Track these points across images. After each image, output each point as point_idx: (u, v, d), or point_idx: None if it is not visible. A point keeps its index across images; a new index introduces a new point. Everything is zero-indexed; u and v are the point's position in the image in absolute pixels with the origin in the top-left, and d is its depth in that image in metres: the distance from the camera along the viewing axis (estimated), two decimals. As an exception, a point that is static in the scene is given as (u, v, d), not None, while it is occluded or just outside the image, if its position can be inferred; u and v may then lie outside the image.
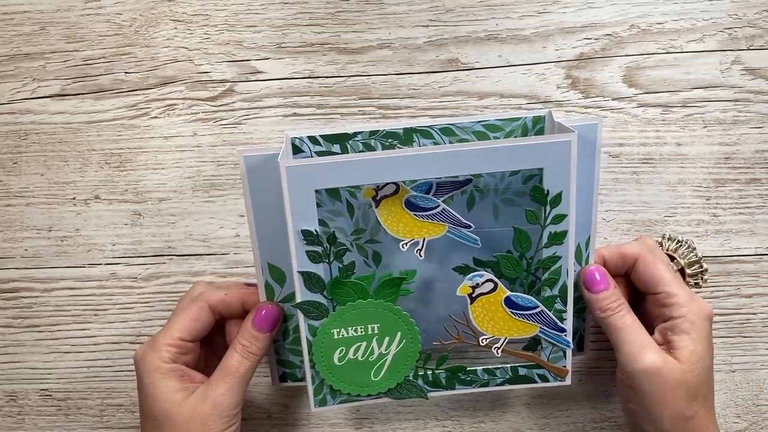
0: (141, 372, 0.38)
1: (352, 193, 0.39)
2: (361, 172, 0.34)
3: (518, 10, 0.46)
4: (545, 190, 0.35)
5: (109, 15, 0.47)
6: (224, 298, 0.39)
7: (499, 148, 0.34)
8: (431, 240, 0.37)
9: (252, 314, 0.38)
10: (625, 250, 0.40)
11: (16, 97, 0.47)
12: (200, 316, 0.39)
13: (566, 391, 0.47)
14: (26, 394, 0.47)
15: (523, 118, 0.40)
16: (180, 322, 0.38)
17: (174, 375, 0.37)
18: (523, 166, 0.35)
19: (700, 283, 0.42)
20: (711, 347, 0.38)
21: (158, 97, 0.47)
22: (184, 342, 0.38)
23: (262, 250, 0.38)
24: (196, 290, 0.40)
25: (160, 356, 0.37)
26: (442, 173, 0.34)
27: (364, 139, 0.40)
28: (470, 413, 0.47)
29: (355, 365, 0.38)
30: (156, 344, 0.38)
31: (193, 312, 0.39)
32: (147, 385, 0.37)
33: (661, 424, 0.37)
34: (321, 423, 0.47)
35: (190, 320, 0.38)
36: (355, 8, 0.46)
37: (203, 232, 0.47)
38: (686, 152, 0.46)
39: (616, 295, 0.39)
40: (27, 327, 0.47)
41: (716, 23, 0.46)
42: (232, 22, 0.47)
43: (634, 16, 0.46)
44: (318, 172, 0.34)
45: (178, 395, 0.37)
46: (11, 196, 0.47)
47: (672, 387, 0.36)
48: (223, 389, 0.37)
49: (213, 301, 0.39)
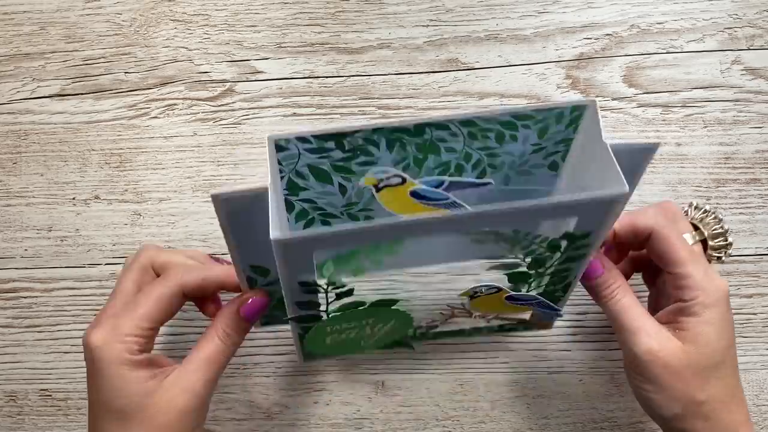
0: (100, 362, 0.32)
1: (345, 177, 0.35)
2: (363, 238, 0.30)
3: (518, 10, 0.46)
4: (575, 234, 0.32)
5: (109, 15, 0.47)
6: (201, 284, 0.35)
7: (527, 209, 0.28)
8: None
9: (239, 301, 0.35)
10: (638, 224, 0.37)
11: (16, 97, 0.47)
12: (172, 303, 0.34)
13: (566, 391, 0.47)
14: (26, 394, 0.47)
15: (560, 107, 0.33)
16: (149, 308, 0.33)
17: (143, 364, 0.33)
18: (555, 217, 0.31)
19: (723, 257, 0.39)
20: (727, 328, 0.36)
21: (158, 97, 0.47)
22: (153, 331, 0.34)
23: (243, 260, 0.34)
24: (146, 257, 0.36)
25: (127, 348, 0.32)
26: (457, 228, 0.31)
27: (366, 135, 0.34)
28: (470, 413, 0.47)
29: (346, 341, 0.37)
30: (119, 332, 0.33)
31: (165, 298, 0.34)
32: (110, 377, 0.32)
33: (672, 407, 0.35)
34: (321, 423, 0.47)
35: (160, 308, 0.34)
36: (355, 8, 0.46)
37: (203, 232, 0.47)
38: (686, 152, 0.46)
39: (612, 278, 0.36)
40: (27, 327, 0.47)
41: (716, 23, 0.46)
42: (232, 22, 0.47)
43: (634, 16, 0.46)
44: (315, 241, 0.29)
45: (150, 384, 0.33)
46: (11, 196, 0.47)
47: (676, 370, 0.35)
48: (200, 380, 0.33)
49: (189, 286, 0.35)
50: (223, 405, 0.47)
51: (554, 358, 0.46)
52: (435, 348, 0.46)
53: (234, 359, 0.46)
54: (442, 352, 0.46)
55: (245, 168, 0.46)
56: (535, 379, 0.46)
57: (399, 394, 0.47)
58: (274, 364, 0.47)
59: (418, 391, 0.47)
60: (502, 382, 0.47)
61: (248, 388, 0.47)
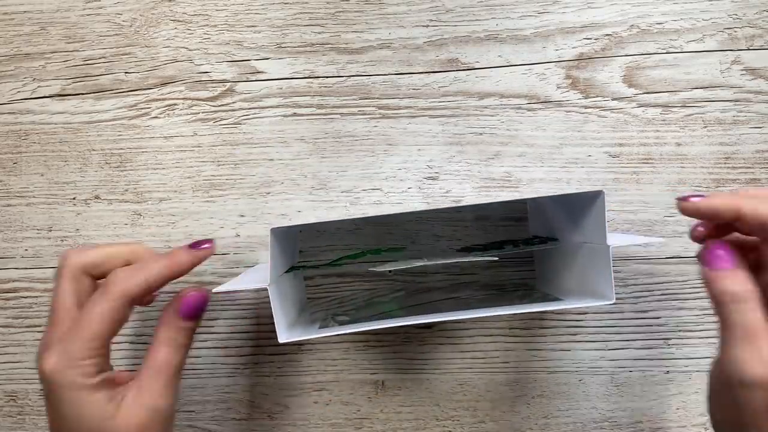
0: (57, 389, 0.31)
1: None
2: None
3: (518, 10, 0.46)
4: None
5: (109, 15, 0.47)
6: (145, 287, 0.32)
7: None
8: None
9: (176, 303, 0.33)
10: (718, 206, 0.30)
11: (16, 97, 0.47)
12: (119, 317, 0.32)
13: (566, 391, 0.47)
14: (26, 394, 0.47)
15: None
16: (96, 328, 0.31)
17: (101, 386, 0.32)
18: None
19: None
20: None
21: (158, 97, 0.47)
22: (105, 348, 0.32)
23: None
24: (74, 263, 0.34)
25: (83, 372, 0.31)
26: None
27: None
28: (470, 413, 0.47)
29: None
30: (71, 357, 0.31)
31: (110, 314, 0.32)
32: (69, 403, 0.31)
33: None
34: (321, 423, 0.47)
35: (108, 325, 0.32)
36: (355, 8, 0.46)
37: (203, 232, 0.47)
38: (686, 152, 0.46)
39: (743, 280, 0.30)
40: (27, 327, 0.47)
41: (716, 23, 0.46)
42: (232, 22, 0.47)
43: (634, 16, 0.46)
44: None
45: (110, 407, 0.31)
46: (11, 196, 0.47)
47: None
48: (157, 391, 0.32)
49: (133, 294, 0.32)
50: (223, 405, 0.47)
51: (554, 358, 0.46)
52: (435, 348, 0.47)
53: (234, 359, 0.47)
54: (442, 352, 0.46)
55: (245, 168, 0.47)
56: (535, 379, 0.46)
57: (399, 394, 0.47)
58: (274, 364, 0.47)
59: (418, 391, 0.47)
60: (502, 382, 0.46)
61: (248, 388, 0.47)
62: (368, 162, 0.46)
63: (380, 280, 0.46)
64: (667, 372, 0.46)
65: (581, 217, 0.35)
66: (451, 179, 0.46)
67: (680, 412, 0.46)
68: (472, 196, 0.46)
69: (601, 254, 0.33)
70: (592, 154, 0.46)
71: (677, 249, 0.46)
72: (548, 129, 0.46)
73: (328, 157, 0.46)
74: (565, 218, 0.38)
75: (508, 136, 0.46)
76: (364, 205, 0.46)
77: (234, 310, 0.47)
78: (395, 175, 0.46)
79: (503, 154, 0.46)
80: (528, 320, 0.46)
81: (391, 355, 0.46)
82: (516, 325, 0.46)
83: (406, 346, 0.46)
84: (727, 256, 0.30)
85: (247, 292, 0.46)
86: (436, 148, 0.46)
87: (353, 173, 0.46)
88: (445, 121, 0.46)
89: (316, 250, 0.46)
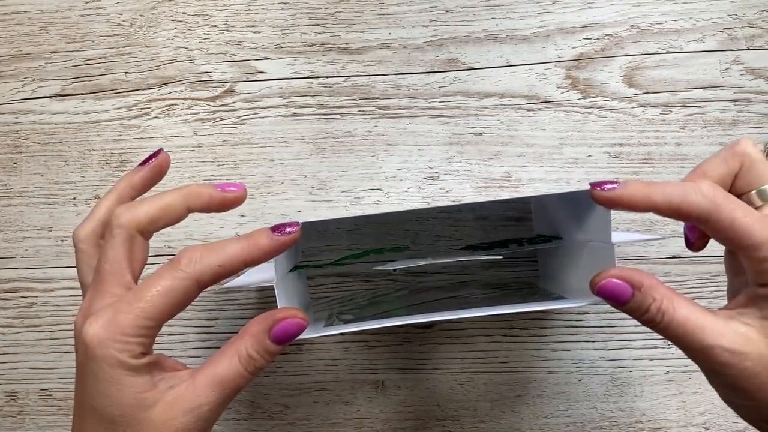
0: (95, 361, 0.27)
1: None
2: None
3: (518, 10, 0.46)
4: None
5: (109, 15, 0.47)
6: (219, 271, 0.28)
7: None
8: None
9: (270, 321, 0.29)
10: (682, 207, 0.28)
11: (16, 97, 0.47)
12: (185, 299, 0.28)
13: (566, 391, 0.47)
14: (26, 394, 0.47)
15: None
16: (157, 304, 0.27)
17: (144, 370, 0.28)
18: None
19: None
20: None
21: (158, 97, 0.47)
22: (157, 329, 0.28)
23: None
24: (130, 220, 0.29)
25: (129, 349, 0.27)
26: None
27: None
28: (470, 413, 0.47)
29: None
30: (119, 330, 0.27)
31: (176, 294, 0.28)
32: (103, 381, 0.27)
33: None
34: (321, 423, 0.47)
35: (170, 304, 0.28)
36: (355, 8, 0.47)
37: (203, 232, 0.47)
38: (686, 152, 0.46)
39: (648, 296, 0.29)
40: (27, 327, 0.47)
41: (716, 23, 0.46)
42: (232, 22, 0.47)
43: (634, 16, 0.46)
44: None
45: (149, 396, 0.28)
46: (11, 196, 0.47)
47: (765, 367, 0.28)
48: (211, 403, 0.28)
49: (206, 278, 0.28)
50: (224, 405, 0.47)
51: (554, 358, 0.46)
52: (435, 348, 0.47)
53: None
54: (442, 352, 0.46)
55: (245, 168, 0.47)
56: (535, 379, 0.46)
57: (399, 394, 0.47)
58: (274, 364, 0.47)
59: (418, 391, 0.47)
60: (502, 382, 0.47)
61: (248, 388, 0.47)
62: (368, 162, 0.46)
63: (380, 280, 0.46)
64: (667, 372, 0.46)
65: (586, 215, 0.35)
66: (451, 179, 0.46)
67: (680, 412, 0.46)
68: (472, 196, 0.46)
69: (605, 253, 0.33)
70: (592, 154, 0.46)
71: (677, 249, 0.46)
72: (548, 129, 0.46)
73: (328, 157, 0.46)
74: (569, 217, 0.38)
75: (508, 136, 0.46)
76: (364, 205, 0.46)
77: (234, 310, 0.47)
78: (395, 175, 0.46)
79: (503, 154, 0.46)
80: (528, 320, 0.46)
81: (391, 355, 0.47)
82: (516, 324, 0.46)
83: (406, 346, 0.47)
84: (619, 286, 0.29)
85: (248, 293, 0.46)
86: (436, 148, 0.46)
87: (353, 173, 0.46)
88: (445, 121, 0.46)
89: (317, 249, 0.47)
